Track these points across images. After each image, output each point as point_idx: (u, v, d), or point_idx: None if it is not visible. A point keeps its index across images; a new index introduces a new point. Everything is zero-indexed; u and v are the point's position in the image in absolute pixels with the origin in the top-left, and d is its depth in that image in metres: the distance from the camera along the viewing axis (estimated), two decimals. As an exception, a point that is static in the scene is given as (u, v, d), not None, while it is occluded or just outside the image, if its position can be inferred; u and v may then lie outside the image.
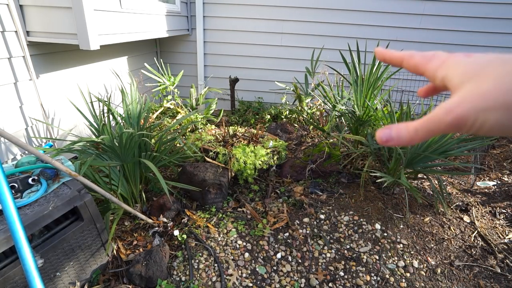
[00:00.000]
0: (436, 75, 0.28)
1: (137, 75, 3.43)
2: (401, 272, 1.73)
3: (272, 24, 3.72)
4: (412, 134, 0.27)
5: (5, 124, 1.98)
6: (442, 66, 0.27)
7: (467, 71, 0.25)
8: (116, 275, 1.61)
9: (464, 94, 0.24)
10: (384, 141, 0.28)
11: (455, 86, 0.26)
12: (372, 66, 2.42)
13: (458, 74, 0.26)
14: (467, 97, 0.24)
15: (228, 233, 1.95)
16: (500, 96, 0.22)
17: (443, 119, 0.25)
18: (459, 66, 0.26)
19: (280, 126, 3.20)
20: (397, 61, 0.33)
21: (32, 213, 1.21)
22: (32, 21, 2.03)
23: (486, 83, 0.23)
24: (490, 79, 0.23)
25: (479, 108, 0.23)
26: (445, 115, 0.24)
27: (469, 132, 0.24)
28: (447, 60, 0.27)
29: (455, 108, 0.24)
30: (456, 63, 0.26)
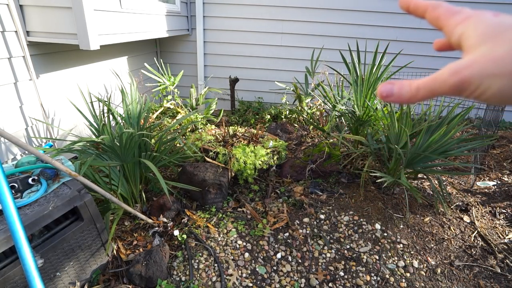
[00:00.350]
0: (454, 30, 0.26)
1: (137, 75, 3.43)
2: (401, 272, 1.73)
3: (272, 24, 3.72)
4: (414, 91, 0.26)
5: (5, 124, 1.98)
6: (463, 23, 0.26)
7: (486, 32, 0.24)
8: (116, 275, 1.61)
9: (475, 57, 0.23)
10: (385, 95, 0.27)
11: (470, 46, 0.24)
12: (372, 66, 2.42)
13: (477, 35, 0.24)
14: (477, 60, 0.23)
15: (228, 233, 1.95)
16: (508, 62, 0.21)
17: (447, 80, 0.24)
18: (480, 26, 0.24)
19: (280, 126, 3.20)
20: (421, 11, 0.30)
21: (32, 213, 1.21)
22: (32, 21, 2.03)
23: (501, 47, 0.22)
24: (506, 44, 0.22)
25: (487, 72, 0.22)
26: (450, 76, 0.24)
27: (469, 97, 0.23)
28: (471, 17, 0.26)
29: (462, 69, 0.23)
30: (479, 22, 0.25)
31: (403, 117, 2.09)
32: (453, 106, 2.12)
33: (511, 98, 0.22)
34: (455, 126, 1.98)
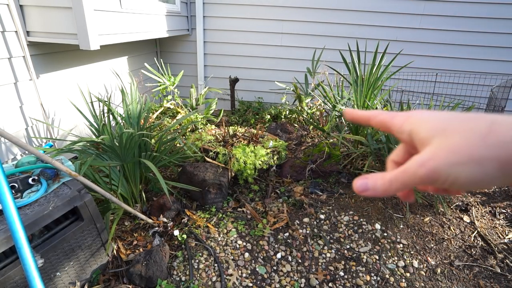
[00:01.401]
0: (402, 129, 0.28)
1: (137, 75, 3.43)
2: (401, 272, 1.73)
3: (272, 24, 3.72)
4: (387, 186, 0.27)
5: (5, 124, 1.98)
6: (407, 121, 0.28)
7: (434, 126, 0.25)
8: (116, 275, 1.61)
9: (434, 149, 0.24)
10: (360, 191, 0.29)
11: (423, 140, 0.26)
12: (372, 66, 2.42)
13: (426, 128, 0.26)
14: (438, 152, 0.24)
15: (228, 233, 1.95)
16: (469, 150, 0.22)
17: (416, 172, 0.24)
18: (425, 121, 0.26)
19: (280, 126, 3.20)
20: (364, 120, 0.33)
21: (32, 213, 1.21)
22: (32, 21, 2.03)
23: (453, 137, 0.23)
24: (457, 134, 0.23)
25: (450, 162, 0.23)
26: (418, 168, 0.24)
27: (443, 187, 0.24)
28: (412, 115, 0.28)
29: (427, 161, 0.24)
30: (422, 118, 0.27)
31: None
32: (453, 106, 2.12)
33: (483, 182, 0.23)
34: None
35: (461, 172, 0.23)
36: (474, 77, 3.59)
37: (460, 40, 3.54)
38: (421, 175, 0.24)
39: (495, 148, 0.22)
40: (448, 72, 3.67)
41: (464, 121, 0.24)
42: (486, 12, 3.38)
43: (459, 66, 3.64)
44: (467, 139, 0.23)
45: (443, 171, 0.23)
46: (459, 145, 0.23)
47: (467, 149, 0.22)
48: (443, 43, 3.58)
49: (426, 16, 3.48)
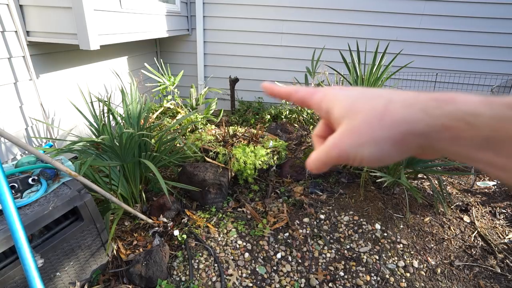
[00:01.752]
0: (320, 107, 0.30)
1: (137, 75, 3.43)
2: (401, 272, 1.73)
3: (272, 24, 3.72)
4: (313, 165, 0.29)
5: (5, 124, 1.98)
6: (324, 99, 0.29)
7: (344, 106, 0.27)
8: (116, 275, 1.61)
9: (343, 130, 0.26)
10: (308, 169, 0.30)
11: (337, 120, 0.27)
12: (372, 66, 2.42)
13: (338, 108, 0.27)
14: (345, 133, 0.26)
15: (228, 233, 1.95)
16: (369, 132, 0.24)
17: (330, 153, 0.26)
18: (338, 100, 0.28)
19: (280, 126, 3.20)
20: (285, 96, 0.34)
21: (32, 213, 1.21)
22: (32, 21, 2.03)
23: (357, 119, 0.25)
24: (359, 115, 0.25)
25: (354, 144, 0.25)
26: (332, 149, 0.26)
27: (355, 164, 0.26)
28: (327, 94, 0.29)
29: (338, 143, 0.26)
30: (335, 97, 0.28)
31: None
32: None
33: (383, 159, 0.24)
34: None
35: (365, 151, 0.24)
36: (474, 77, 3.59)
37: (460, 40, 3.54)
38: (334, 156, 0.26)
39: (389, 128, 0.23)
40: (448, 72, 3.67)
41: (368, 100, 0.26)
42: (486, 12, 3.38)
43: (459, 66, 3.64)
44: (367, 120, 0.24)
45: (350, 152, 0.25)
46: (361, 126, 0.25)
47: (367, 130, 0.24)
48: (443, 43, 3.58)
49: (426, 16, 3.48)
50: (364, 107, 0.25)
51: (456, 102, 0.22)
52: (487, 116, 0.20)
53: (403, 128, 0.23)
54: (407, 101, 0.24)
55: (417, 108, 0.23)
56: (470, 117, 0.21)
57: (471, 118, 0.21)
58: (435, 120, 0.22)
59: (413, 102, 0.24)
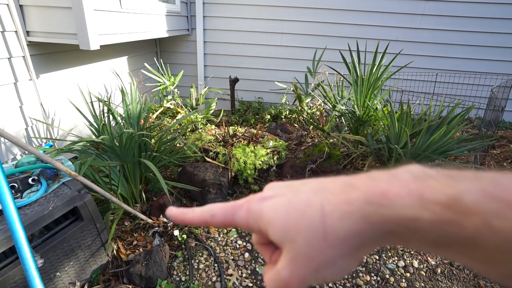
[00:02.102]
0: (250, 226, 0.26)
1: (137, 75, 3.43)
2: (401, 272, 1.73)
3: (272, 24, 3.72)
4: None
5: (5, 124, 1.98)
6: (250, 218, 0.26)
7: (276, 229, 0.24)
8: (116, 275, 1.61)
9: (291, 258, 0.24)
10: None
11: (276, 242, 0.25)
12: (372, 66, 2.42)
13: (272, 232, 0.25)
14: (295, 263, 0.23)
15: (228, 233, 1.95)
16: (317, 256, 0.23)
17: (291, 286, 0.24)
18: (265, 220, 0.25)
19: (280, 126, 3.20)
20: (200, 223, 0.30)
21: (32, 213, 1.21)
22: (32, 21, 2.03)
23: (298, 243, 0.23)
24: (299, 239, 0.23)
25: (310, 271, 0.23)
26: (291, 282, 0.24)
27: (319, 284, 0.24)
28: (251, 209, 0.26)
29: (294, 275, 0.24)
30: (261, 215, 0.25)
31: (403, 117, 2.09)
32: (453, 106, 2.12)
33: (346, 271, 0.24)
34: (455, 126, 1.98)
35: (325, 274, 0.23)
36: (474, 77, 3.59)
37: (460, 40, 3.54)
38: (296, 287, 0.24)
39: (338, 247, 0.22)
40: (448, 72, 3.67)
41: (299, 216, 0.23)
42: (486, 12, 3.38)
43: (459, 66, 3.64)
44: (311, 245, 0.23)
45: (310, 279, 0.23)
46: (308, 252, 0.23)
47: (316, 255, 0.22)
48: (443, 43, 3.58)
49: (426, 16, 3.48)
50: (299, 226, 0.23)
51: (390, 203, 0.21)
52: (426, 220, 0.19)
53: (353, 242, 0.22)
54: (343, 211, 0.22)
55: (357, 217, 0.22)
56: (410, 223, 0.20)
57: (412, 224, 0.20)
58: (379, 229, 0.21)
59: (349, 210, 0.22)
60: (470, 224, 0.18)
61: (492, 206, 0.17)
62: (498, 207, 0.17)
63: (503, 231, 0.17)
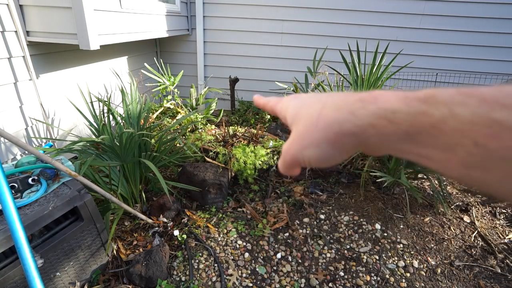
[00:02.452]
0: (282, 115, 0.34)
1: (137, 75, 3.43)
2: (401, 272, 1.73)
3: (272, 24, 3.72)
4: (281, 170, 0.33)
5: (5, 124, 1.98)
6: (282, 108, 0.34)
7: (290, 115, 0.31)
8: (116, 275, 1.61)
9: (291, 136, 0.30)
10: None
11: (289, 127, 0.31)
12: (372, 66, 2.42)
13: (288, 117, 0.32)
14: (293, 139, 0.29)
15: (228, 233, 1.95)
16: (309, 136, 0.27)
17: (285, 158, 0.30)
18: (288, 109, 0.32)
19: (280, 126, 3.19)
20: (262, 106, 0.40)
21: (32, 213, 1.21)
22: (32, 21, 2.03)
23: (300, 125, 0.29)
24: (301, 122, 0.29)
25: (299, 148, 0.28)
26: (285, 155, 0.30)
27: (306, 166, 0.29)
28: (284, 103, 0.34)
29: (288, 148, 0.30)
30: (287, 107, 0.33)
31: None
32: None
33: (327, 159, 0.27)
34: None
35: (310, 154, 0.27)
36: (474, 77, 3.59)
37: (460, 40, 3.54)
38: (288, 160, 0.30)
39: (323, 131, 0.26)
40: (448, 72, 3.67)
41: (308, 107, 0.29)
42: (486, 12, 3.38)
43: (459, 66, 3.64)
44: (306, 125, 0.28)
45: (298, 155, 0.28)
46: (303, 131, 0.28)
47: (307, 134, 0.27)
48: (443, 43, 3.58)
49: (426, 16, 3.48)
50: (304, 113, 0.29)
51: (377, 101, 0.24)
52: (404, 112, 0.22)
53: (335, 129, 0.26)
54: (337, 105, 0.26)
55: (345, 110, 0.25)
56: (389, 114, 0.23)
57: (391, 115, 0.23)
58: (361, 120, 0.24)
59: (342, 105, 0.26)
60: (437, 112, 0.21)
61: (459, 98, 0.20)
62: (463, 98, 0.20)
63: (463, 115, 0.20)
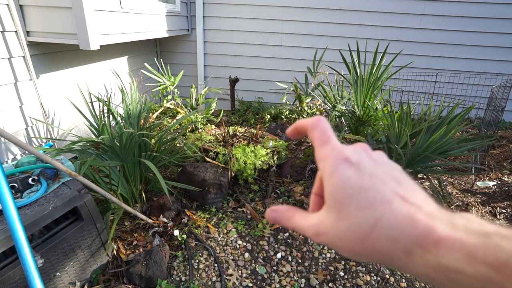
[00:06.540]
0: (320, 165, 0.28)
1: (137, 75, 3.43)
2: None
3: (272, 24, 3.72)
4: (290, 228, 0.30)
5: (5, 124, 1.98)
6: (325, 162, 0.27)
7: (333, 195, 0.26)
8: (116, 275, 1.61)
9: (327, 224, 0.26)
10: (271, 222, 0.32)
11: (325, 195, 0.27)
12: (372, 66, 2.42)
13: (328, 189, 0.26)
14: (328, 231, 0.26)
15: (228, 233, 1.95)
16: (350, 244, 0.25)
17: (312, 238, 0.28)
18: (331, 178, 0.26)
19: (280, 126, 3.19)
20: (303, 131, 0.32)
21: (32, 213, 1.21)
22: (32, 21, 2.03)
23: (343, 224, 0.25)
24: (346, 222, 0.25)
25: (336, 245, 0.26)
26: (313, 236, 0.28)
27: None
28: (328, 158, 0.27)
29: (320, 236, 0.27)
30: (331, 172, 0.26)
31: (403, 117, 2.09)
32: (453, 106, 2.12)
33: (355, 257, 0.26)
34: (455, 126, 1.98)
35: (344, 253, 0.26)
36: (474, 77, 3.59)
37: (460, 40, 3.54)
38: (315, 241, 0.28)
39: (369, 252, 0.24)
40: (448, 72, 3.67)
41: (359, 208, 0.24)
42: (486, 12, 3.38)
43: (459, 66, 3.64)
44: (352, 234, 0.25)
45: (328, 244, 0.27)
46: (345, 236, 0.25)
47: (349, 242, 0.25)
48: (443, 43, 3.58)
49: (426, 16, 3.48)
50: (352, 215, 0.25)
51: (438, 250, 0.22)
52: (470, 275, 0.20)
53: (383, 258, 0.24)
54: (393, 235, 0.23)
55: (401, 247, 0.23)
56: (452, 273, 0.21)
57: (454, 275, 0.21)
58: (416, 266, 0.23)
59: (398, 239, 0.23)
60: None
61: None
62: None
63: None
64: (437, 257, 0.21)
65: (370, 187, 0.25)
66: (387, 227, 0.23)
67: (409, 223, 0.23)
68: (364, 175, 0.25)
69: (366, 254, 0.25)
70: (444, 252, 0.21)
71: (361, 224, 0.24)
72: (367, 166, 0.26)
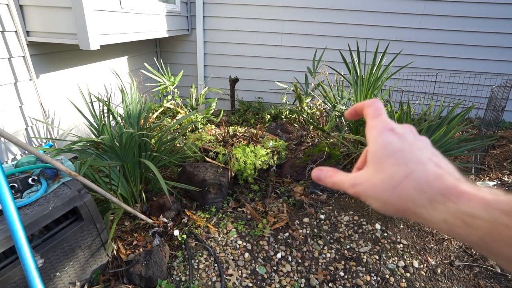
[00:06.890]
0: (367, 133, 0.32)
1: (137, 75, 3.43)
2: (401, 272, 1.73)
3: (272, 24, 3.72)
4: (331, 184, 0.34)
5: (5, 124, 1.98)
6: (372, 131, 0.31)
7: (376, 153, 0.30)
8: (116, 275, 1.61)
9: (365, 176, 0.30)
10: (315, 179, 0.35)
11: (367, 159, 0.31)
12: (372, 66, 2.42)
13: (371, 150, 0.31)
14: (364, 182, 0.30)
15: (228, 233, 1.95)
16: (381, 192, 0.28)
17: (348, 189, 0.32)
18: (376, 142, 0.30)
19: (280, 126, 3.19)
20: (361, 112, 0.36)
21: (32, 213, 1.21)
22: (32, 21, 2.03)
23: (378, 176, 0.29)
24: (381, 174, 0.29)
25: (367, 194, 0.30)
26: (349, 187, 0.31)
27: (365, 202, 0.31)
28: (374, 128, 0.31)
29: (356, 185, 0.31)
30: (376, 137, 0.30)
31: (403, 117, 2.09)
32: (453, 106, 2.12)
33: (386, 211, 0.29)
34: (455, 126, 1.98)
35: (373, 202, 0.30)
36: (474, 77, 3.59)
37: (460, 40, 3.54)
38: (351, 192, 0.31)
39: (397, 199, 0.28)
40: (448, 72, 3.67)
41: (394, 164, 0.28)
42: (486, 12, 3.38)
43: (459, 66, 3.64)
44: (384, 183, 0.28)
45: (363, 196, 0.30)
46: (378, 185, 0.29)
47: (380, 191, 0.28)
48: (443, 43, 3.58)
49: (426, 16, 3.48)
50: (388, 169, 0.28)
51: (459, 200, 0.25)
52: (483, 219, 0.23)
53: (408, 206, 0.27)
54: (421, 186, 0.27)
55: (426, 196, 0.26)
56: (468, 218, 0.24)
57: (469, 219, 0.24)
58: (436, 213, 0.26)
59: (425, 189, 0.26)
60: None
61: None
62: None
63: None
64: (457, 205, 0.25)
65: (408, 150, 0.28)
66: (417, 179, 0.27)
67: (438, 179, 0.26)
68: (404, 143, 0.29)
69: (392, 202, 0.28)
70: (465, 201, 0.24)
71: (395, 175, 0.28)
72: (408, 137, 0.30)
